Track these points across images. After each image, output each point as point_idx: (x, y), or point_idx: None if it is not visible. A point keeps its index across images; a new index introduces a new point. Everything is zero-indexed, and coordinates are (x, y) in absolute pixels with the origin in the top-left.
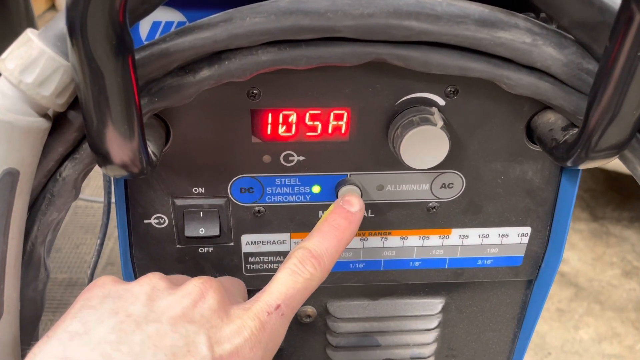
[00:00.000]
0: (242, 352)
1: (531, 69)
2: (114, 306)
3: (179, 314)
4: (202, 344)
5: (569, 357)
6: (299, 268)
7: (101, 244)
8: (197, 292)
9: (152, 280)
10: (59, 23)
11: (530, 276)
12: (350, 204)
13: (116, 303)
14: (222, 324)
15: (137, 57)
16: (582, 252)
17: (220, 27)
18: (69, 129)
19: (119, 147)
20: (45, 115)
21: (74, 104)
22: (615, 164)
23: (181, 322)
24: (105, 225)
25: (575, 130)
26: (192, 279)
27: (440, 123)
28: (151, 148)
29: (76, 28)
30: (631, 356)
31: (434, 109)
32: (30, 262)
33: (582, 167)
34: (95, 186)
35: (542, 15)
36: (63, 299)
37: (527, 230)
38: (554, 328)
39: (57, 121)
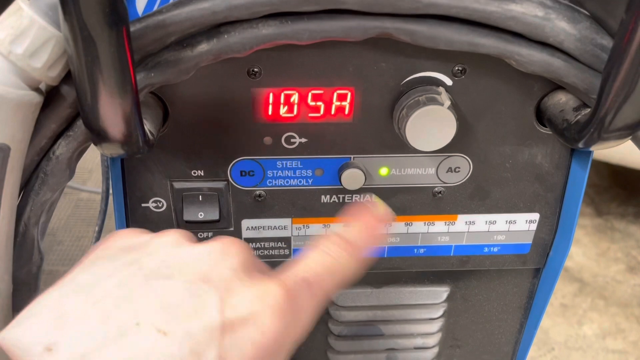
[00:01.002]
0: (260, 321)
1: (543, 45)
2: (130, 258)
3: (195, 271)
4: (212, 306)
5: (572, 352)
6: (327, 247)
7: (99, 231)
8: (219, 250)
9: (177, 234)
10: None
11: (537, 264)
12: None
13: (132, 255)
14: (241, 287)
15: (132, 29)
16: (586, 248)
17: None
18: (62, 105)
19: (113, 123)
20: (37, 89)
21: (68, 78)
22: (620, 158)
23: (195, 281)
24: (104, 212)
25: (588, 111)
26: (218, 237)
27: (448, 102)
28: (148, 127)
29: None
30: (635, 352)
31: (441, 89)
32: (24, 244)
33: (594, 148)
34: (97, 179)
35: None
36: None
37: (536, 216)
38: (557, 323)
39: (50, 96)
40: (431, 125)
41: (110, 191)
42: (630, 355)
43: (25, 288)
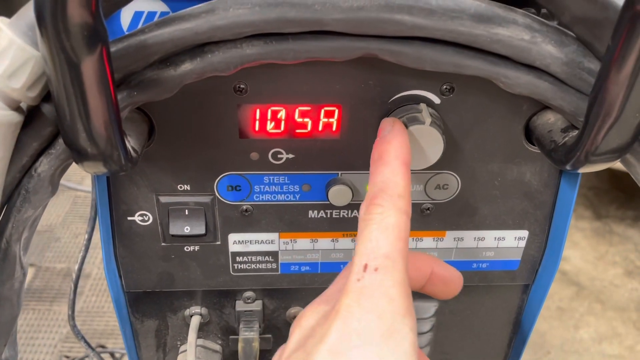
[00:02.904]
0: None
1: (529, 67)
2: None
3: None
4: None
5: (568, 356)
6: (368, 215)
7: (89, 239)
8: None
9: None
10: (30, 11)
11: (527, 280)
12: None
13: None
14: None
15: (113, 48)
16: (584, 251)
17: (201, 19)
18: (43, 123)
19: (94, 142)
20: (17, 109)
21: (48, 96)
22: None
23: None
24: (94, 219)
25: (575, 132)
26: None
27: (429, 120)
28: (132, 143)
29: (45, 16)
30: (631, 357)
31: (422, 106)
32: (5, 260)
33: (581, 170)
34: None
35: (543, 11)
36: (61, 289)
37: (525, 233)
38: (554, 327)
39: (31, 115)
40: (418, 144)
41: None
42: (626, 359)
43: (7, 304)
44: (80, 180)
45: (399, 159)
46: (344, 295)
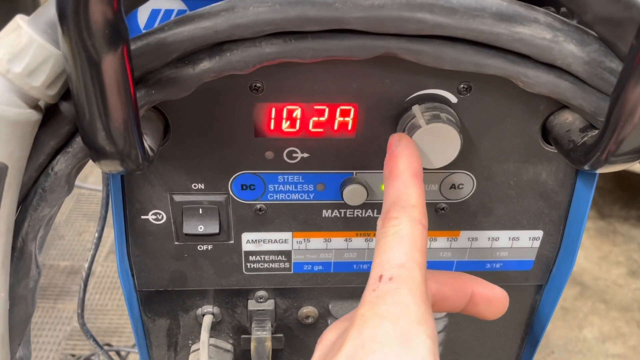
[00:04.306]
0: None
1: (550, 66)
2: None
3: None
4: None
5: (572, 356)
6: (383, 229)
7: (99, 237)
8: None
9: None
10: (50, 9)
11: (540, 281)
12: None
13: None
14: None
15: (132, 47)
16: (588, 251)
17: (221, 17)
18: (61, 122)
19: (112, 141)
20: (36, 107)
21: (67, 95)
22: None
23: None
24: (104, 218)
25: (595, 132)
26: None
27: (423, 122)
28: (148, 142)
29: (67, 14)
30: (635, 357)
31: (415, 107)
32: (21, 259)
33: (600, 171)
34: (99, 174)
35: (563, 9)
36: (65, 287)
37: (539, 234)
38: (557, 327)
39: (49, 113)
40: (435, 143)
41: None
42: (630, 359)
43: (22, 302)
44: (84, 178)
45: (408, 170)
46: (360, 306)
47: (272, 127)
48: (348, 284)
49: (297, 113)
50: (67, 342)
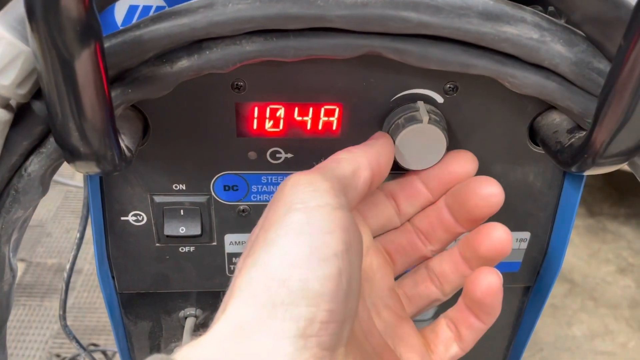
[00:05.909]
0: None
1: (537, 67)
2: None
3: None
4: None
5: (561, 353)
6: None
7: (81, 237)
8: None
9: None
10: (19, 5)
11: (527, 282)
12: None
13: None
14: None
15: (108, 44)
16: (577, 248)
17: (199, 14)
18: (34, 121)
19: (87, 142)
20: (6, 106)
21: (39, 94)
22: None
23: None
24: (86, 217)
25: (582, 134)
26: None
27: (426, 118)
28: (126, 142)
29: (36, 11)
30: (624, 354)
31: (419, 103)
32: None
33: (587, 173)
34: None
35: (551, 9)
36: (52, 285)
37: (526, 235)
38: (546, 324)
39: (21, 112)
40: (420, 144)
41: None
42: (618, 357)
43: None
44: (71, 175)
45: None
46: None
47: (255, 126)
48: None
49: (281, 112)
50: (55, 340)
